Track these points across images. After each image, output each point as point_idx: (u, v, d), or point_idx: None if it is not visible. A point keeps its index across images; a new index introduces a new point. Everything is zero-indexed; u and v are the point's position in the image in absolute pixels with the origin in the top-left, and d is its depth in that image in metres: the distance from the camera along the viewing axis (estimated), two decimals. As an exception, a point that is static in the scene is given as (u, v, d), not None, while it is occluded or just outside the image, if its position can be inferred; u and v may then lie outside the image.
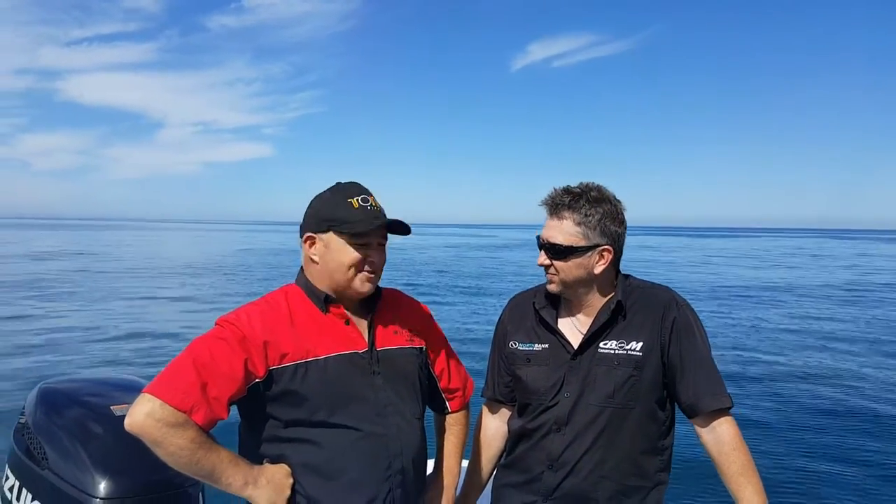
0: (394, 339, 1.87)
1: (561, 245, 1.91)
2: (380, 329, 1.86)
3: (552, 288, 1.97)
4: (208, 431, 1.61)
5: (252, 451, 1.78)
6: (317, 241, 1.80)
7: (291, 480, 1.71)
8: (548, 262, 1.95)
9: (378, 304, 1.89)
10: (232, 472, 1.63)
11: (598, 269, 1.93)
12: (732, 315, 16.90)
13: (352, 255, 1.77)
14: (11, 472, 2.21)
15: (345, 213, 1.76)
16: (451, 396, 2.04)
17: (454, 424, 2.07)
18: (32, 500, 2.07)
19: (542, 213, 2.00)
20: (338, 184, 1.85)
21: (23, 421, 2.26)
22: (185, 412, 1.55)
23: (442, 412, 2.08)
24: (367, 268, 1.79)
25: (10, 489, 2.17)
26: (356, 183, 1.86)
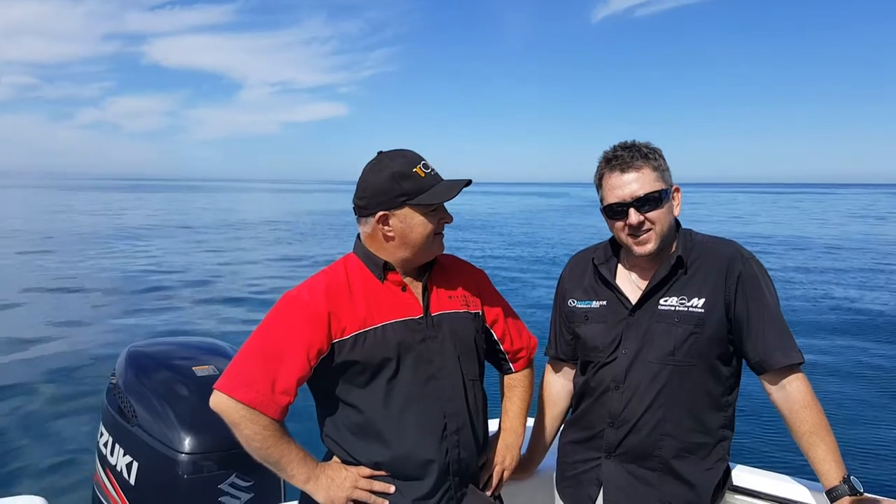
0: (448, 303, 1.88)
1: (653, 193, 1.85)
2: (434, 294, 1.87)
3: (649, 248, 1.88)
4: (282, 420, 1.70)
5: (320, 417, 1.86)
6: (391, 217, 1.78)
7: (353, 482, 1.76)
8: (641, 218, 1.86)
9: (433, 270, 1.90)
10: (297, 465, 1.72)
11: (677, 211, 1.93)
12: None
13: (431, 223, 1.79)
14: (105, 428, 2.38)
15: (416, 184, 1.75)
16: (514, 357, 2.05)
17: (517, 385, 2.08)
18: (125, 454, 2.23)
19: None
20: (385, 154, 1.82)
21: (114, 381, 2.42)
22: (255, 408, 1.65)
23: (506, 373, 2.09)
24: (441, 230, 1.83)
25: (105, 444, 2.34)
26: (407, 150, 1.84)
